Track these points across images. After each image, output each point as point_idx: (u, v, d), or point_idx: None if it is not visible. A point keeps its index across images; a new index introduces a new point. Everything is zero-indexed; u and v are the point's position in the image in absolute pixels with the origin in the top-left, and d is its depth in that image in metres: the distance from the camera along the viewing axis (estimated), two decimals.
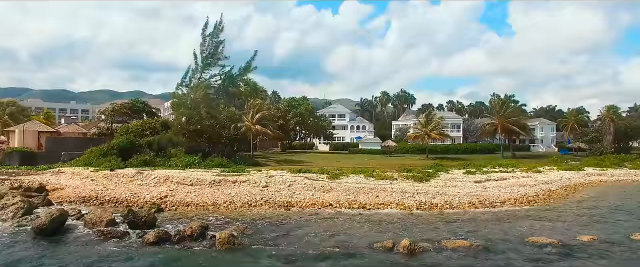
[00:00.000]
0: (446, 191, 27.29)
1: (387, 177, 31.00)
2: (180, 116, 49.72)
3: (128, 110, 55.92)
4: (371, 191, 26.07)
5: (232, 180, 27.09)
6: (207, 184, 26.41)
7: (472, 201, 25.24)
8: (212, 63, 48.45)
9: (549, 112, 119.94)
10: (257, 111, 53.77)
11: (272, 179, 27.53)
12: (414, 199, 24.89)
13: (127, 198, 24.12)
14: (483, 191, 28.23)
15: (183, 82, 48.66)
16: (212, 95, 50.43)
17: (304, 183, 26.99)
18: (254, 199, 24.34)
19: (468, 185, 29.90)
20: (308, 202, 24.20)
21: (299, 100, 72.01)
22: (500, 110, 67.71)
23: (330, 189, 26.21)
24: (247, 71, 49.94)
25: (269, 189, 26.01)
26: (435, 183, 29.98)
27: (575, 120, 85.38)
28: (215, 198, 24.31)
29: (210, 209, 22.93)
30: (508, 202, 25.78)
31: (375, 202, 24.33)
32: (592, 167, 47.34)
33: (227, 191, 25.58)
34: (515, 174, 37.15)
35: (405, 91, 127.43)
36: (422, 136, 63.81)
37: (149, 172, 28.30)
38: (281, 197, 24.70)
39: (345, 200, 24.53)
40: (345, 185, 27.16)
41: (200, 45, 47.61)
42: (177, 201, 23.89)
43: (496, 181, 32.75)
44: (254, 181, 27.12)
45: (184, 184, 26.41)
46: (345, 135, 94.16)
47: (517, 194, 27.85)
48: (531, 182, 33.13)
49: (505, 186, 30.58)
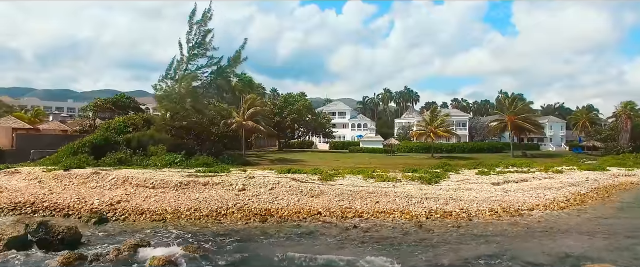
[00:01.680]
0: (460, 195, 22.26)
1: (389, 179, 26.01)
2: (163, 111, 44.99)
3: (111, 105, 51.25)
4: (370, 195, 21.08)
5: (203, 182, 22.18)
6: (172, 186, 21.50)
7: (494, 208, 20.22)
8: (199, 53, 43.77)
9: (557, 110, 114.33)
10: (249, 106, 48.91)
11: (251, 181, 22.58)
12: (423, 206, 19.89)
13: (70, 204, 19.26)
14: (504, 195, 23.16)
15: (167, 73, 43.95)
16: (199, 88, 45.74)
17: (289, 186, 22.02)
18: (225, 205, 19.43)
19: (485, 188, 24.84)
20: (291, 209, 19.27)
21: (296, 97, 67.07)
22: (510, 107, 62.72)
23: (320, 193, 21.23)
24: (237, 62, 45.15)
25: (246, 193, 21.08)
26: (446, 186, 24.94)
27: (586, 118, 79.95)
28: (177, 204, 19.43)
29: (168, 218, 18.06)
30: (537, 209, 20.73)
31: (375, 209, 19.36)
32: (615, 167, 42.13)
33: (194, 195, 20.68)
34: (535, 175, 32.02)
35: (408, 88, 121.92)
36: (426, 133, 58.64)
37: (106, 173, 23.44)
38: (259, 204, 19.78)
39: (338, 207, 19.57)
40: (338, 188, 22.18)
41: (186, 33, 42.92)
42: (131, 207, 19.03)
43: (516, 182, 27.65)
44: (229, 183, 22.18)
45: (144, 186, 21.52)
46: (346, 133, 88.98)
47: (545, 199, 22.79)
48: (556, 184, 28.02)
49: (528, 189, 25.50)
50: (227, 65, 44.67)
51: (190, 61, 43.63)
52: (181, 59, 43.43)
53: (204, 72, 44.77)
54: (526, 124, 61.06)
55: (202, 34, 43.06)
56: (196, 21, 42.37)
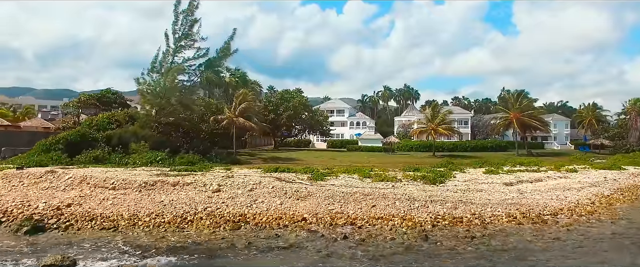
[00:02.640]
0: (471, 197, 18.96)
1: (388, 179, 22.70)
2: (148, 106, 41.80)
3: (96, 101, 48.00)
4: (365, 198, 17.78)
5: (173, 182, 18.91)
6: (136, 187, 18.24)
7: (512, 213, 16.92)
8: (186, 45, 40.50)
9: (559, 108, 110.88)
10: (241, 102, 45.61)
11: (228, 182, 19.30)
12: (427, 211, 16.60)
13: (9, 209, 15.98)
14: (520, 197, 19.87)
15: (153, 67, 40.67)
16: (186, 82, 42.48)
17: (271, 187, 18.72)
18: (193, 210, 16.16)
19: (497, 188, 21.54)
20: (271, 215, 15.99)
21: (293, 93, 63.80)
22: (515, 104, 59.34)
23: (307, 195, 17.94)
24: (227, 54, 41.84)
25: (221, 195, 17.81)
26: (452, 186, 21.64)
27: (592, 116, 76.56)
28: (137, 209, 16.16)
29: (121, 226, 14.80)
30: (562, 214, 17.44)
31: (371, 215, 16.08)
32: (632, 166, 38.77)
33: (160, 197, 17.42)
34: (549, 174, 28.70)
35: (408, 86, 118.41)
36: (428, 131, 55.33)
37: (63, 172, 20.19)
38: (233, 208, 16.51)
39: (327, 212, 16.29)
40: (329, 189, 18.89)
41: (172, 24, 39.64)
42: (81, 213, 15.77)
43: (531, 182, 24.33)
44: (202, 184, 18.91)
45: (103, 187, 18.26)
46: (345, 132, 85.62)
47: (567, 202, 19.50)
48: (575, 185, 24.71)
49: (546, 190, 22.20)
50: (216, 58, 41.42)
51: (176, 53, 40.33)
52: (167, 51, 40.21)
53: (192, 65, 41.51)
54: (532, 121, 57.72)
55: (189, 24, 39.81)
56: (182, 10, 39.11)
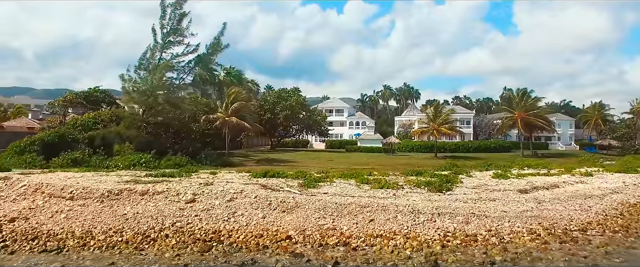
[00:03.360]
0: (484, 208, 16.32)
1: (388, 185, 20.06)
2: (134, 105, 39.25)
3: (83, 100, 45.39)
4: (362, 210, 15.15)
5: (142, 190, 16.29)
6: (98, 197, 15.63)
7: (533, 229, 14.30)
8: (174, 40, 37.89)
9: (562, 107, 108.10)
10: (233, 101, 43.03)
11: (206, 190, 16.69)
12: (435, 226, 13.97)
13: None
14: (539, 207, 17.22)
15: (141, 63, 38.09)
16: (175, 80, 39.83)
17: (254, 196, 16.10)
18: (159, 225, 13.57)
19: (511, 197, 18.90)
20: (251, 231, 13.39)
21: (290, 92, 61.15)
22: (519, 103, 56.74)
23: (294, 207, 15.32)
24: (217, 50, 39.19)
25: (195, 207, 15.21)
26: (461, 194, 18.99)
27: (598, 116, 73.86)
28: (93, 224, 13.57)
29: (69, 246, 12.21)
30: (591, 229, 14.81)
31: (369, 232, 13.46)
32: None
33: (124, 209, 14.82)
34: (563, 179, 26.07)
35: (408, 85, 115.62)
36: (429, 131, 52.64)
37: (18, 178, 17.60)
38: (207, 223, 13.91)
39: (316, 228, 13.68)
40: (321, 199, 16.25)
41: (159, 18, 37.02)
42: (24, 229, 13.19)
43: (547, 189, 21.69)
44: (175, 192, 16.29)
45: (59, 197, 15.67)
46: (344, 132, 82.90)
47: (594, 213, 16.86)
48: (595, 191, 22.06)
49: (565, 198, 19.56)
50: (207, 54, 38.77)
51: (164, 49, 37.76)
52: (154, 47, 37.61)
53: (181, 62, 38.88)
54: (537, 121, 55.10)
55: (177, 18, 37.20)
56: (169, 4, 36.49)
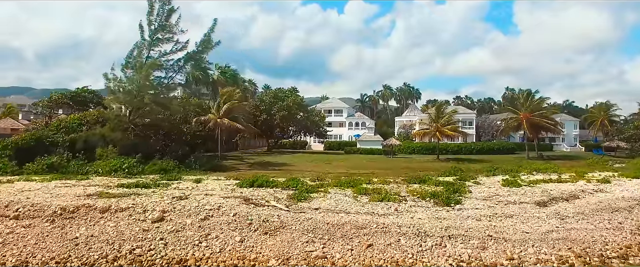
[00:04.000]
0: (500, 228, 13.83)
1: (389, 197, 17.60)
2: (120, 106, 36.90)
3: (69, 101, 43.02)
4: (359, 232, 12.68)
5: (102, 206, 13.85)
6: (49, 215, 13.20)
7: (563, 256, 11.84)
8: (163, 37, 35.52)
9: (565, 108, 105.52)
10: (225, 101, 40.69)
11: (178, 205, 14.24)
12: (446, 254, 11.50)
13: None
14: (565, 225, 14.74)
15: (128, 61, 35.73)
16: (164, 79, 37.40)
17: (233, 213, 13.64)
18: (115, 252, 11.13)
19: (530, 211, 16.41)
20: (224, 261, 10.95)
21: (287, 92, 58.71)
22: (524, 104, 54.36)
23: (279, 227, 12.87)
24: (208, 47, 36.75)
25: (162, 228, 12.77)
26: (472, 208, 16.50)
27: (604, 117, 71.36)
28: (34, 252, 11.14)
29: None
30: (633, 256, 12.35)
31: (365, 262, 11.00)
32: None
33: (78, 231, 12.38)
34: (581, 186, 23.59)
35: (409, 85, 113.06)
36: (432, 132, 50.23)
37: None
38: (173, 249, 11.46)
39: (303, 256, 11.22)
40: (310, 218, 13.79)
41: (147, 14, 34.64)
42: None
43: (567, 200, 19.21)
44: (142, 209, 13.85)
45: (2, 215, 13.24)
46: (343, 133, 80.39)
47: (629, 231, 14.38)
48: (621, 203, 19.54)
49: (590, 212, 17.08)
50: (196, 51, 36.33)
51: (152, 47, 35.40)
52: (142, 45, 35.25)
53: (170, 60, 36.47)
54: (543, 122, 52.74)
55: (165, 14, 34.85)
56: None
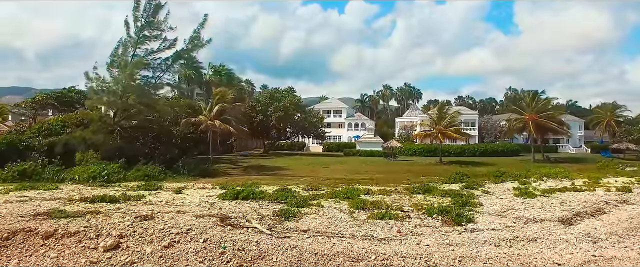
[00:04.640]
0: (525, 256, 11.43)
1: (390, 214, 15.23)
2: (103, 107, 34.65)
3: (54, 101, 40.70)
4: (354, 265, 10.31)
5: (46, 231, 11.48)
6: None
7: None
8: (150, 35, 33.25)
9: (569, 108, 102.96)
10: (218, 102, 38.38)
11: (141, 228, 11.88)
12: None
13: None
14: (599, 251, 12.37)
15: (113, 60, 33.44)
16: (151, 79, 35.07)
17: (203, 239, 11.28)
18: None
19: (554, 232, 14.02)
20: None
21: (283, 92, 56.39)
22: (531, 104, 52.19)
23: (258, 258, 10.49)
24: (198, 45, 34.37)
25: (117, 257, 10.41)
26: (487, 229, 14.09)
27: (611, 117, 68.96)
28: None
29: None
30: None
31: None
32: None
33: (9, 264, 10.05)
34: (599, 195, 21.20)
35: (409, 85, 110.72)
36: (434, 134, 47.94)
37: None
38: None
39: None
40: (295, 245, 11.42)
41: (133, 10, 32.36)
42: None
43: (593, 216, 16.80)
44: (96, 233, 11.50)
45: None
46: (342, 133, 78.04)
47: None
48: None
49: (623, 232, 14.66)
50: (185, 49, 33.97)
51: (138, 45, 33.11)
52: (127, 42, 32.96)
53: (157, 59, 34.15)
54: (550, 123, 50.51)
55: (152, 10, 32.55)
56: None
